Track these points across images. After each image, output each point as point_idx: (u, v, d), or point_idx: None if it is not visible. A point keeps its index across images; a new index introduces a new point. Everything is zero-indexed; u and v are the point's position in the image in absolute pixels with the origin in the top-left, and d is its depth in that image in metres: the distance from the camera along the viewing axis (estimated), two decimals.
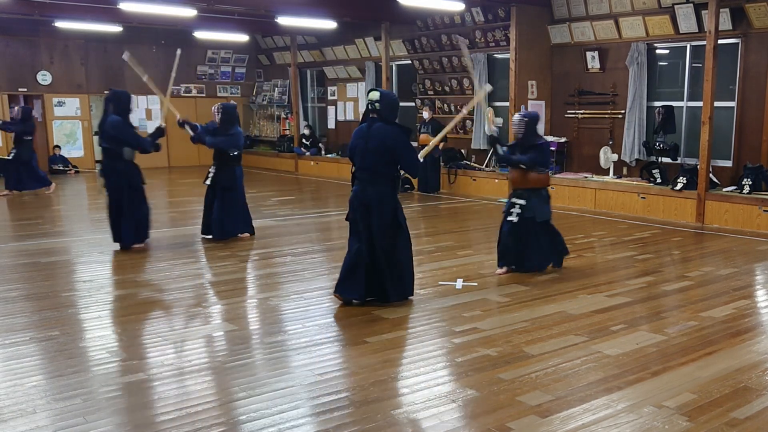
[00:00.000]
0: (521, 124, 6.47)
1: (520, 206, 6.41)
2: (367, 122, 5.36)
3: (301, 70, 17.56)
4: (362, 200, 5.33)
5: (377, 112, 5.29)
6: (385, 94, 5.38)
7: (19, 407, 3.58)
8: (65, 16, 13.26)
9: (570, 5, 11.35)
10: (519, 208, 6.42)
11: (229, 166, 8.05)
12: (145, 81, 8.16)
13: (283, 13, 12.64)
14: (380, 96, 5.30)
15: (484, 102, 7.70)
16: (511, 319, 5.12)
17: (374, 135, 5.24)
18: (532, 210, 6.38)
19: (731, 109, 9.72)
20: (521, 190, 6.47)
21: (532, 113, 6.69)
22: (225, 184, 8.03)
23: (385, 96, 5.34)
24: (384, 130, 5.24)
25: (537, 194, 6.43)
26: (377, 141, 5.22)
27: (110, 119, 7.40)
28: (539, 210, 6.42)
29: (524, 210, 6.39)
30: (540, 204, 6.43)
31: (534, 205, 6.39)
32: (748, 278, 6.49)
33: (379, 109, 5.28)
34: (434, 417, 3.47)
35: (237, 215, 8.16)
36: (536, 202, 6.40)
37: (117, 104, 7.47)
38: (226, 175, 8.02)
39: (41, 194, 12.43)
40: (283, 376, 4.02)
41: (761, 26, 9.18)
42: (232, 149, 8.00)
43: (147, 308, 5.48)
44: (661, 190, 9.91)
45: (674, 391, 3.77)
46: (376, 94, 5.31)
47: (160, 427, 3.38)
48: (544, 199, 6.50)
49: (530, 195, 6.41)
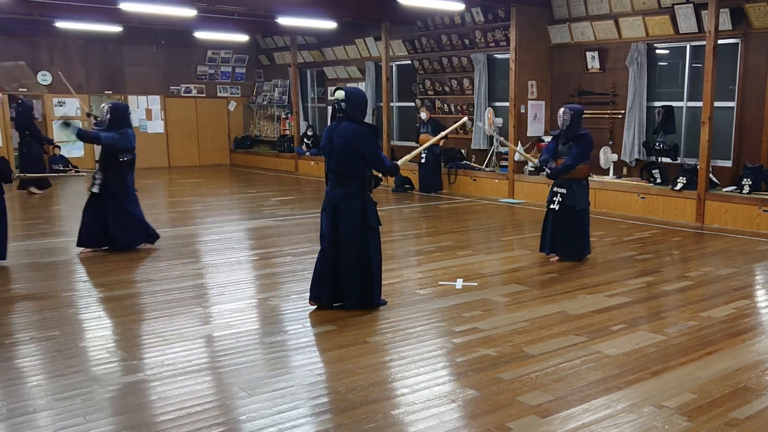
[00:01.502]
0: (567, 115, 6.81)
1: (561, 195, 6.84)
2: (335, 122, 5.26)
3: (301, 70, 17.56)
4: (331, 200, 5.23)
5: (343, 111, 5.17)
6: (351, 92, 5.23)
7: (19, 407, 3.58)
8: (65, 16, 13.27)
9: (570, 5, 11.35)
10: (560, 197, 6.84)
11: (118, 171, 7.39)
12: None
13: (283, 13, 12.64)
14: (345, 95, 5.16)
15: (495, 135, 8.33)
16: (511, 319, 5.12)
17: (340, 134, 5.13)
18: (573, 198, 6.80)
19: (731, 109, 9.72)
20: (562, 180, 6.87)
21: (577, 107, 6.99)
22: (113, 190, 7.35)
23: (351, 95, 5.20)
24: (349, 129, 5.12)
25: (578, 184, 6.86)
26: (342, 140, 5.11)
27: None
28: (579, 198, 6.83)
29: (565, 198, 6.82)
30: (580, 193, 6.85)
31: (575, 193, 6.81)
32: (748, 278, 6.49)
33: (345, 108, 5.16)
34: (434, 417, 3.47)
35: (130, 224, 7.51)
36: (577, 190, 6.83)
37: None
38: (114, 181, 7.36)
39: None
40: (283, 376, 4.02)
41: (761, 26, 9.18)
42: (122, 153, 7.35)
43: (147, 308, 5.48)
44: (661, 190, 9.91)
45: (674, 391, 3.77)
46: (341, 93, 5.18)
47: (160, 427, 3.38)
48: (584, 188, 6.92)
49: (571, 184, 6.83)
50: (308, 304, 5.43)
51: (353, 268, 5.22)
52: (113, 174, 7.36)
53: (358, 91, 5.30)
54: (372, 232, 5.29)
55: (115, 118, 7.39)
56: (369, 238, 5.26)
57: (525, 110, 11.77)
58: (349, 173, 5.16)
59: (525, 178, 11.69)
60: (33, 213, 10.68)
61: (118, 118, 7.41)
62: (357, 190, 5.20)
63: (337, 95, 5.18)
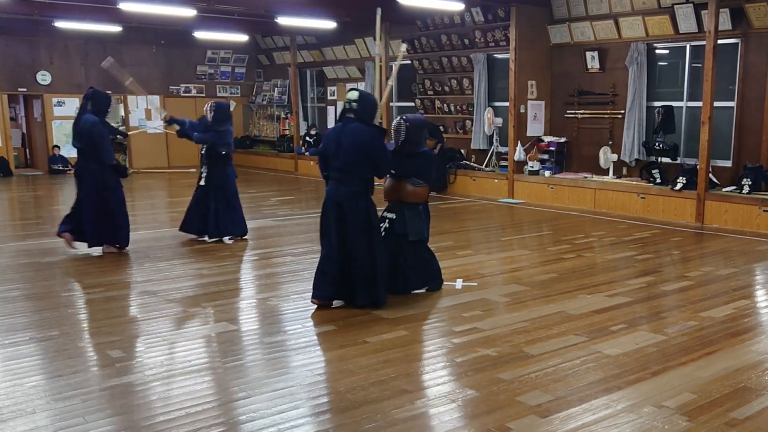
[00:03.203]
0: (401, 128, 5.60)
1: (390, 221, 5.67)
2: (342, 122, 5.25)
3: (300, 70, 17.56)
4: (335, 200, 5.21)
5: (354, 112, 5.17)
6: (365, 94, 5.26)
7: (18, 407, 3.58)
8: (65, 16, 13.26)
9: (570, 5, 11.35)
10: (389, 223, 5.66)
11: (219, 165, 7.97)
12: (128, 86, 8.11)
13: (283, 13, 12.64)
14: (359, 96, 5.18)
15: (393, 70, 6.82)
16: (511, 319, 5.12)
17: (349, 134, 5.13)
18: (403, 226, 5.62)
19: (731, 109, 9.72)
20: (393, 203, 5.73)
21: (417, 118, 5.81)
22: (216, 181, 7.97)
23: (365, 97, 5.22)
24: (360, 130, 5.14)
25: (412, 210, 5.66)
26: (352, 140, 5.10)
27: (86, 117, 7.14)
28: (412, 226, 5.63)
29: (394, 225, 5.64)
30: (414, 220, 5.65)
31: (406, 220, 5.62)
32: (747, 278, 6.49)
33: (357, 109, 5.17)
34: (434, 417, 3.47)
35: (229, 216, 8.06)
36: (410, 217, 5.64)
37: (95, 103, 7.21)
38: (216, 173, 7.97)
39: None
40: (283, 376, 4.02)
41: (761, 26, 9.18)
42: (220, 147, 7.92)
43: (147, 308, 5.47)
44: (660, 190, 9.92)
45: (674, 391, 3.77)
46: (355, 93, 5.19)
47: (160, 427, 3.38)
48: (419, 215, 5.71)
49: (403, 208, 5.64)
50: (310, 302, 5.42)
51: (363, 266, 5.22)
52: (215, 167, 7.97)
53: (370, 95, 5.33)
54: (375, 231, 5.31)
55: (218, 115, 7.94)
56: (374, 236, 5.28)
57: (525, 110, 11.77)
58: (356, 173, 5.17)
59: (525, 178, 11.69)
60: (33, 213, 10.68)
61: (219, 116, 7.95)
62: (361, 190, 5.22)
63: (350, 95, 5.18)
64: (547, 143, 11.75)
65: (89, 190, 7.21)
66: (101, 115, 7.23)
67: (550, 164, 11.64)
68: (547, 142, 11.78)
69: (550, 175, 11.41)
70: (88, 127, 7.07)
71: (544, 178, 11.42)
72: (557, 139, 11.72)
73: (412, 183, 5.63)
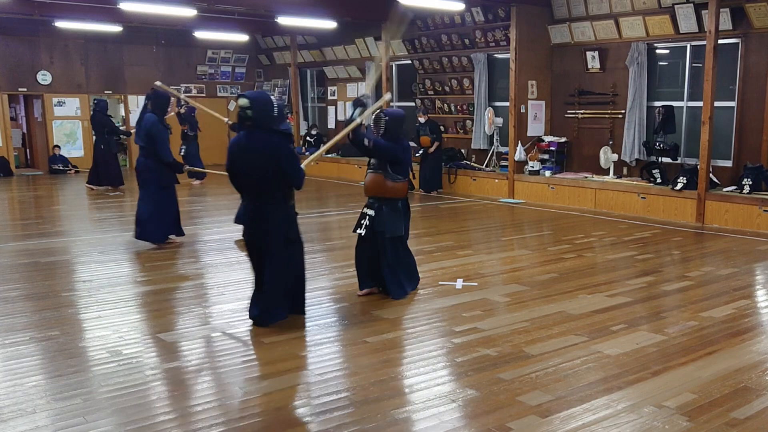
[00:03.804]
0: (381, 122, 5.57)
1: (369, 217, 5.59)
2: (243, 132, 4.81)
3: (301, 70, 17.56)
4: (251, 216, 4.85)
5: (251, 119, 4.71)
6: (256, 97, 4.74)
7: (19, 407, 3.58)
8: (65, 16, 13.27)
9: (570, 5, 11.35)
10: (368, 220, 5.60)
11: None
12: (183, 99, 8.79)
13: (283, 13, 12.64)
14: (250, 101, 4.68)
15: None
16: (511, 319, 5.12)
17: (253, 145, 4.71)
18: (382, 223, 5.55)
19: (731, 109, 9.71)
20: (373, 199, 5.63)
21: (397, 112, 5.73)
22: None
23: (257, 100, 4.71)
24: (263, 139, 4.70)
25: (390, 205, 5.59)
26: (257, 151, 4.69)
27: (148, 116, 7.63)
28: (390, 224, 5.56)
29: (373, 222, 5.58)
30: (392, 216, 5.58)
31: (385, 217, 5.55)
32: (748, 278, 6.49)
33: (252, 116, 4.70)
34: (434, 417, 3.47)
35: None
36: (388, 213, 5.56)
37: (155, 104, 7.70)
38: None
39: None
40: (283, 376, 4.02)
41: (761, 26, 9.18)
42: None
43: (147, 308, 5.47)
44: (661, 190, 9.91)
45: (674, 391, 3.77)
46: (245, 100, 4.69)
47: (160, 427, 3.38)
48: (398, 212, 5.64)
49: (382, 205, 5.57)
50: None
51: (277, 283, 4.89)
52: None
53: (262, 95, 4.83)
54: (295, 245, 4.97)
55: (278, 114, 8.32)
56: (293, 251, 4.95)
57: (525, 110, 11.77)
58: (267, 186, 4.76)
59: (525, 178, 11.69)
60: (33, 213, 10.68)
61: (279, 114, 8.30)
62: (278, 203, 4.83)
63: (242, 102, 4.70)
64: (548, 143, 11.74)
65: (148, 185, 7.63)
66: (161, 114, 7.70)
67: (551, 164, 11.64)
68: (547, 142, 11.77)
69: (551, 175, 11.40)
70: (148, 126, 7.55)
71: (545, 178, 11.42)
72: (558, 139, 11.72)
73: (392, 178, 5.53)
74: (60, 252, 7.60)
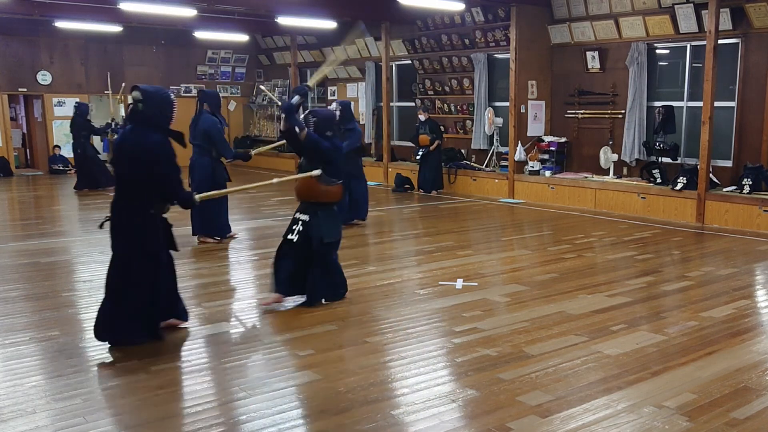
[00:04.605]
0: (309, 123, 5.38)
1: (303, 223, 5.34)
2: (129, 126, 4.44)
3: (301, 70, 17.56)
4: (112, 219, 4.46)
5: (142, 114, 4.35)
6: (152, 92, 4.40)
7: (19, 407, 3.58)
8: (65, 16, 13.26)
9: (570, 5, 11.35)
10: (302, 225, 5.34)
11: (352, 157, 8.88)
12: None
13: (283, 13, 12.64)
14: (143, 95, 4.34)
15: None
16: (511, 319, 5.12)
17: (129, 143, 4.35)
18: (318, 228, 5.31)
19: (731, 109, 9.71)
20: (306, 204, 5.40)
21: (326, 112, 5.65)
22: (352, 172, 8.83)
23: (152, 94, 4.37)
24: (142, 138, 4.31)
25: (325, 210, 5.38)
26: (130, 151, 4.33)
27: (205, 117, 7.85)
28: (327, 229, 5.35)
29: (308, 228, 5.32)
30: (328, 221, 5.38)
31: (320, 222, 5.33)
32: (748, 278, 6.49)
33: (143, 110, 4.34)
34: (434, 417, 3.47)
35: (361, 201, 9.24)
36: (323, 218, 5.35)
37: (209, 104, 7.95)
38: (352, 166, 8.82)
39: None
40: (283, 376, 4.02)
41: (761, 26, 9.18)
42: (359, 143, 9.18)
43: None
44: (661, 190, 9.91)
45: (674, 391, 3.77)
46: (138, 92, 4.35)
47: (160, 427, 3.38)
48: (333, 216, 5.46)
49: (317, 210, 5.34)
50: None
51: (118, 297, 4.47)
52: (350, 160, 8.64)
53: (159, 91, 4.48)
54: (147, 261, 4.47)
55: (346, 114, 8.88)
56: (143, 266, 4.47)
57: (525, 110, 11.76)
58: (135, 189, 4.39)
59: (525, 178, 11.69)
60: (33, 213, 10.68)
61: (347, 114, 8.94)
62: (142, 210, 4.41)
63: (134, 95, 4.36)
64: (548, 143, 11.74)
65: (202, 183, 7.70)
66: (216, 111, 8.00)
67: (551, 164, 11.64)
68: (547, 142, 11.77)
69: (551, 175, 11.40)
70: (206, 127, 7.82)
71: (545, 178, 11.42)
72: (557, 139, 11.72)
73: (326, 181, 5.27)
74: (60, 252, 7.60)
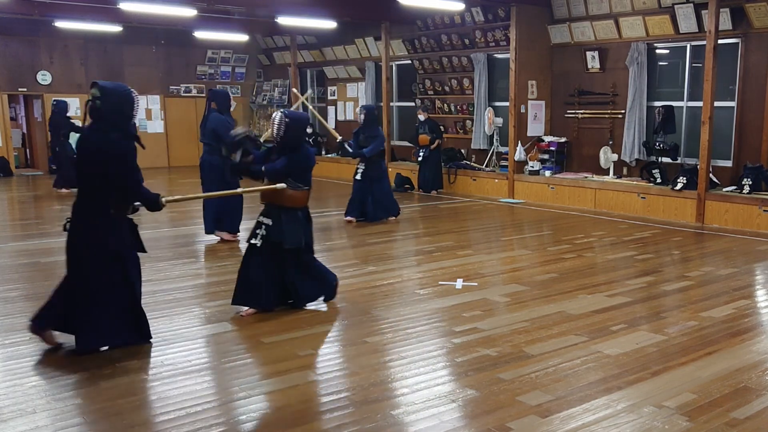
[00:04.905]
0: (281, 124, 5.19)
1: (266, 227, 5.15)
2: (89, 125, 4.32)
3: (301, 70, 17.56)
4: (74, 220, 4.32)
5: (98, 111, 4.20)
6: (110, 89, 4.26)
7: (19, 407, 3.58)
8: (65, 16, 13.26)
9: (570, 5, 11.35)
10: (265, 229, 5.15)
11: (375, 161, 9.32)
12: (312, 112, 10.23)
13: (283, 13, 12.64)
14: (101, 92, 4.20)
15: None
16: (511, 319, 5.12)
17: (87, 141, 4.25)
18: (280, 233, 5.12)
19: (731, 109, 9.71)
20: (270, 207, 5.23)
21: (299, 115, 5.43)
22: (373, 174, 9.31)
23: (110, 92, 4.23)
24: (99, 136, 4.19)
25: (289, 214, 5.18)
26: (88, 149, 4.22)
27: (213, 116, 7.87)
28: (289, 234, 5.14)
29: (270, 232, 5.14)
30: (291, 226, 5.17)
31: (283, 226, 5.13)
32: (748, 278, 6.49)
33: (101, 108, 4.19)
34: (434, 417, 3.47)
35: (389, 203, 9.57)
36: (286, 223, 5.15)
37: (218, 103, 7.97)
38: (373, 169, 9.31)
39: None
40: (283, 376, 4.02)
41: (761, 26, 9.18)
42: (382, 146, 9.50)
43: (147, 308, 5.43)
44: (661, 190, 9.91)
45: (674, 391, 3.77)
46: (96, 89, 4.21)
47: (160, 427, 3.38)
48: (297, 221, 5.23)
49: (280, 213, 5.15)
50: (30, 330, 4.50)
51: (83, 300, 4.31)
52: (372, 163, 9.30)
53: (118, 88, 4.32)
54: (115, 263, 4.36)
55: (369, 117, 9.30)
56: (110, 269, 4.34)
57: (525, 110, 11.77)
58: (95, 190, 4.27)
59: (525, 178, 11.69)
60: (33, 213, 10.68)
61: (371, 117, 9.34)
62: (104, 211, 4.28)
63: (93, 91, 4.23)
64: (548, 143, 11.74)
65: (212, 182, 7.79)
66: (226, 111, 8.00)
67: (551, 164, 11.64)
68: (547, 142, 11.77)
69: (551, 175, 11.40)
70: (215, 126, 7.81)
71: (545, 178, 11.42)
72: (557, 139, 11.72)
73: (292, 186, 5.10)
74: (60, 252, 7.53)
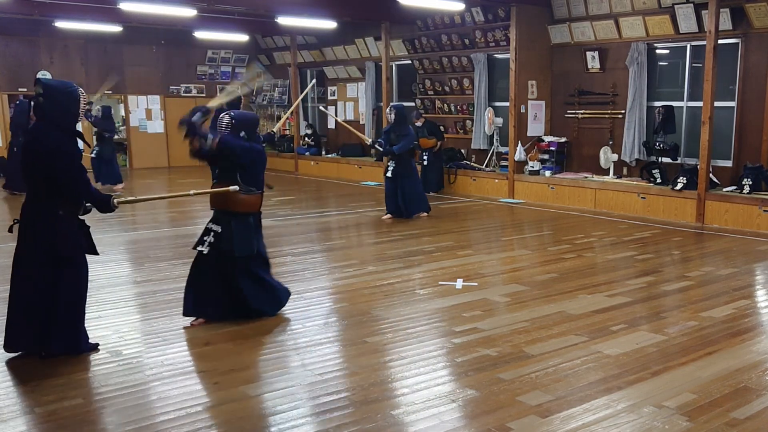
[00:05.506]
0: (222, 123, 4.97)
1: (215, 234, 4.92)
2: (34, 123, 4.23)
3: (301, 70, 17.56)
4: (22, 222, 4.21)
5: (41, 109, 4.07)
6: (54, 86, 4.13)
7: (18, 407, 3.58)
8: (65, 16, 13.26)
9: (570, 5, 11.35)
10: (213, 237, 4.92)
11: (405, 158, 9.49)
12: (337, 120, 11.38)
13: (283, 13, 12.64)
14: (45, 90, 4.05)
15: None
16: (511, 319, 5.12)
17: (31, 140, 4.12)
18: (229, 240, 4.87)
19: (731, 109, 9.71)
20: (219, 213, 4.97)
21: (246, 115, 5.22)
22: (403, 172, 9.49)
23: (53, 89, 4.09)
24: (42, 135, 4.06)
25: (240, 221, 4.93)
26: (33, 149, 4.09)
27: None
28: (239, 241, 4.88)
29: (219, 240, 4.90)
30: (241, 233, 4.91)
31: (233, 233, 4.88)
32: (748, 278, 6.49)
33: (44, 105, 4.05)
34: (434, 417, 3.47)
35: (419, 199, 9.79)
36: (237, 230, 4.89)
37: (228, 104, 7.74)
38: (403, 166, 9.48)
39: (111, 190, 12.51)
40: (283, 376, 4.02)
41: (761, 26, 9.18)
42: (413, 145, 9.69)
43: (147, 308, 5.47)
44: (661, 190, 9.91)
45: (674, 391, 3.77)
46: (39, 88, 4.06)
47: (160, 427, 3.38)
48: (248, 228, 4.97)
49: (230, 220, 4.91)
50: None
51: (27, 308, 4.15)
52: (403, 161, 9.49)
53: (62, 86, 4.17)
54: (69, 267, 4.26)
55: (399, 118, 9.44)
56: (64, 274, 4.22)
57: (525, 110, 11.77)
58: (42, 190, 4.13)
59: (525, 178, 11.69)
60: None
61: (401, 118, 9.47)
62: (50, 212, 4.13)
63: (35, 89, 4.09)
64: (548, 143, 11.74)
65: None
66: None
67: (551, 164, 11.63)
68: (547, 142, 11.77)
69: (551, 175, 11.40)
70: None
71: (545, 178, 11.42)
72: (557, 139, 11.72)
73: (244, 190, 4.88)
74: None
